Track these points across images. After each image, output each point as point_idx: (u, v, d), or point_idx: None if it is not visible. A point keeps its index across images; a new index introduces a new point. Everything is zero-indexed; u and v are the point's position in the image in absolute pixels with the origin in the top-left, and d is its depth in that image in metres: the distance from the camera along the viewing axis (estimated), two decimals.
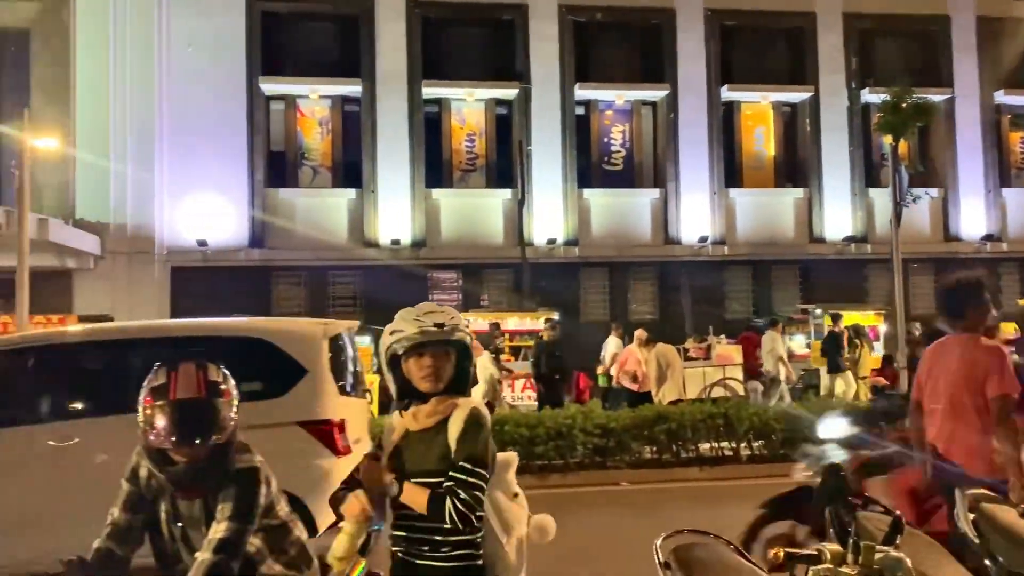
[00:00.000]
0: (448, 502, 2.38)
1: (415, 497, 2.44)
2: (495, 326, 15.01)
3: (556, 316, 15.94)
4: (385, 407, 13.13)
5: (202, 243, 17.84)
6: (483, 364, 11.00)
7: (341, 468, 5.04)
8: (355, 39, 19.03)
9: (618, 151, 20.43)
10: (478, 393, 10.83)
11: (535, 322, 15.91)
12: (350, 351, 6.49)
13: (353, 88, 18.96)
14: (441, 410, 2.52)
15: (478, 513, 2.42)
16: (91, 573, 2.63)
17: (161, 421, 2.61)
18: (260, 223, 18.34)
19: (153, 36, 18.13)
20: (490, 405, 10.58)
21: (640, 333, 12.58)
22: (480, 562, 2.50)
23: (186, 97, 18.04)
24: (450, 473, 2.43)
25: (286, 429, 5.27)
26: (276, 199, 18.69)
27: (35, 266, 12.84)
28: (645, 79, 20.13)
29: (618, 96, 20.13)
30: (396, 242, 18.69)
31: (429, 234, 19.05)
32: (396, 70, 18.97)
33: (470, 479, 2.41)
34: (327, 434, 5.40)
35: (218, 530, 2.56)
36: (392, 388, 2.59)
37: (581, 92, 19.73)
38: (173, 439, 2.60)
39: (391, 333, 2.51)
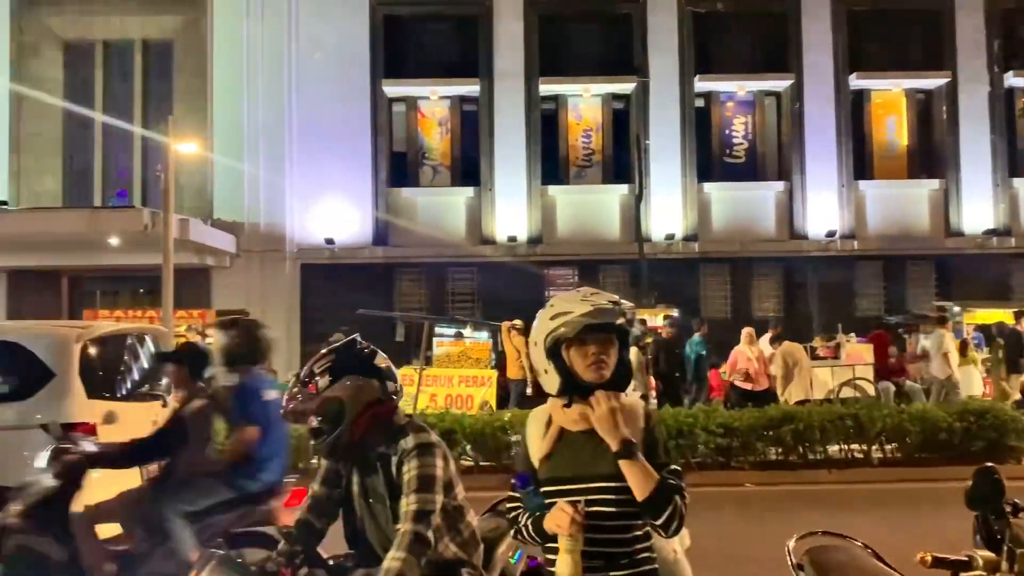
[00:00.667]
0: (677, 500, 2.19)
1: (640, 480, 2.19)
2: (643, 321, 14.83)
3: (675, 313, 15.69)
4: (504, 401, 13.30)
5: (329, 241, 18.55)
6: (634, 356, 10.94)
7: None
8: (473, 39, 19.32)
9: (740, 143, 19.91)
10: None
11: (653, 319, 15.71)
12: (141, 355, 6.60)
13: (471, 87, 19.25)
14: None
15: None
16: (293, 541, 2.95)
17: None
18: (383, 222, 18.89)
19: (282, 45, 18.97)
20: (643, 398, 10.54)
21: (749, 331, 12.29)
22: None
23: (313, 102, 18.79)
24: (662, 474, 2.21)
25: (31, 431, 5.04)
26: (398, 198, 19.21)
27: (177, 264, 13.66)
28: (768, 69, 19.52)
29: (739, 87, 19.61)
30: (512, 239, 18.87)
31: (545, 231, 19.13)
32: (513, 68, 19.14)
33: (680, 482, 2.21)
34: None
35: (409, 502, 2.74)
36: (550, 382, 2.33)
37: (701, 84, 19.34)
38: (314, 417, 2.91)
39: (553, 317, 2.28)
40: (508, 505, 2.48)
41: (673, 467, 2.25)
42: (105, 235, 15.99)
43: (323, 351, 3.03)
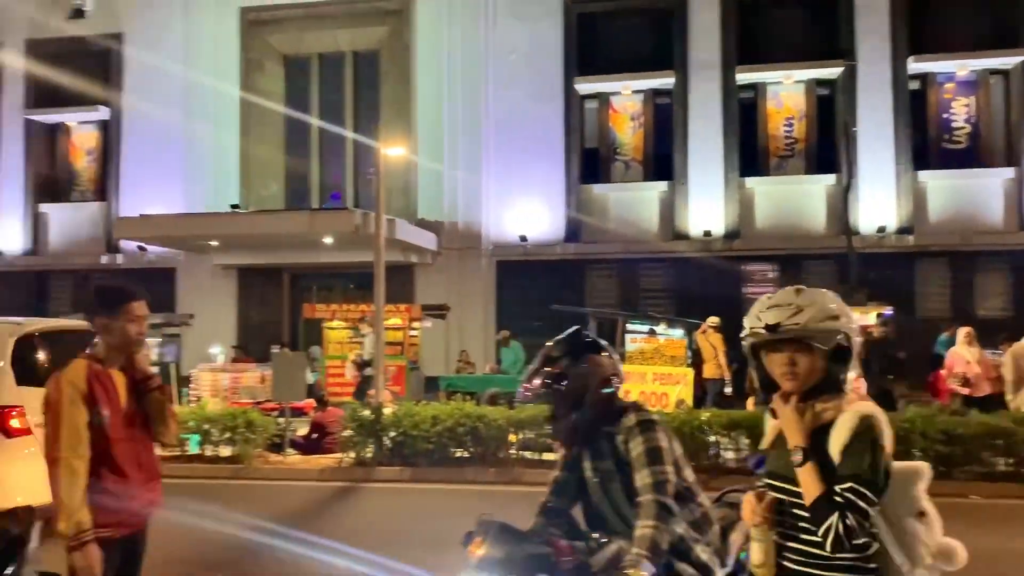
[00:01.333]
0: (834, 518, 2.11)
1: (806, 487, 2.18)
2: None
3: (888, 311, 14.69)
4: (701, 400, 13.02)
5: (523, 238, 18.96)
6: None
7: (12, 447, 6.30)
8: (667, 31, 19.02)
9: (961, 127, 18.29)
10: None
11: (863, 317, 14.78)
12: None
13: (665, 80, 18.98)
14: (821, 414, 2.25)
15: (856, 541, 2.11)
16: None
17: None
18: (575, 218, 19.05)
19: (479, 49, 19.59)
20: None
21: (967, 331, 11.25)
22: None
23: (508, 103, 19.27)
24: (836, 488, 2.13)
25: None
26: (590, 195, 19.30)
27: (384, 261, 14.48)
28: (994, 45, 17.78)
29: (961, 67, 18.02)
30: (708, 234, 18.42)
31: (743, 225, 18.52)
32: (709, 58, 18.67)
33: (857, 501, 2.10)
34: None
35: (643, 476, 2.88)
36: (755, 381, 2.43)
37: (916, 65, 17.95)
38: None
39: (748, 319, 2.33)
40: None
41: (863, 482, 2.12)
42: (321, 235, 17.23)
43: (556, 338, 3.22)
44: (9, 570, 3.46)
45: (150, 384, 3.35)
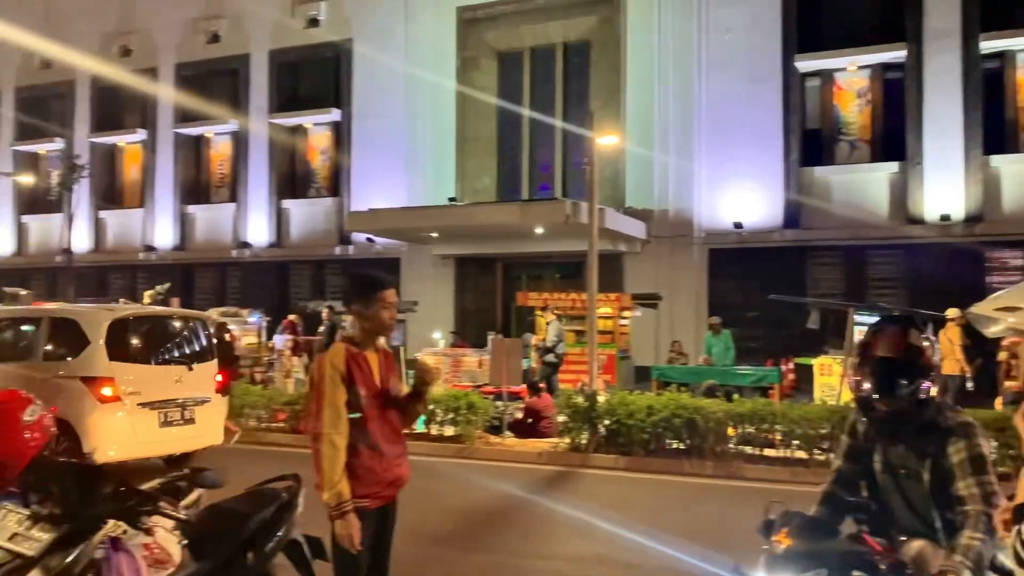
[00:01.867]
0: None
1: None
2: None
3: None
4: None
5: (738, 225, 18.35)
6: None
7: (105, 411, 7.89)
8: (897, 1, 17.62)
9: None
10: None
11: None
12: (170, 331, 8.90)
13: (895, 54, 17.60)
14: None
15: None
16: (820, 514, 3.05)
17: (865, 375, 2.94)
18: (794, 203, 18.16)
19: (692, 31, 19.13)
20: None
21: None
22: None
23: (722, 85, 18.69)
24: None
25: (72, 380, 7.93)
26: (811, 178, 18.32)
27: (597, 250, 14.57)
28: None
29: None
30: (946, 217, 16.90)
31: (987, 207, 16.82)
32: (947, 27, 17.08)
33: None
34: (93, 386, 7.90)
35: (969, 484, 2.76)
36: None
37: None
38: (873, 391, 2.92)
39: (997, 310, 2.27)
40: None
41: None
42: (532, 225, 17.61)
43: (895, 315, 3.12)
44: (280, 532, 3.82)
45: (427, 380, 3.61)
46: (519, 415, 11.77)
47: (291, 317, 18.03)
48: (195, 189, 25.56)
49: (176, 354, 8.78)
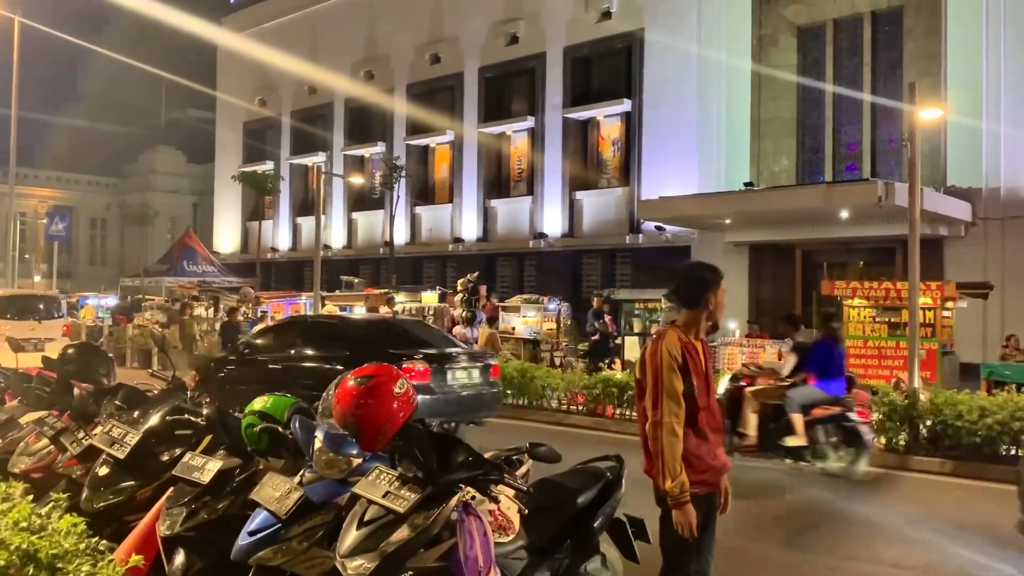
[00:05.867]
0: None
1: None
2: None
3: None
4: None
5: None
6: None
7: None
8: None
9: None
10: None
11: None
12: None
13: None
14: None
15: None
16: None
17: None
18: None
19: None
20: None
21: None
22: None
23: None
24: None
25: None
26: None
27: (906, 235, 13.28)
28: None
29: None
30: None
31: None
32: None
33: None
34: None
35: None
36: None
37: None
38: None
39: None
40: None
41: None
42: (837, 209, 16.51)
43: None
44: (605, 510, 3.95)
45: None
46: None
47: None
48: (496, 184, 27.17)
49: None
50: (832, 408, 8.67)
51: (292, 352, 9.67)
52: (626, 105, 23.38)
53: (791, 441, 8.58)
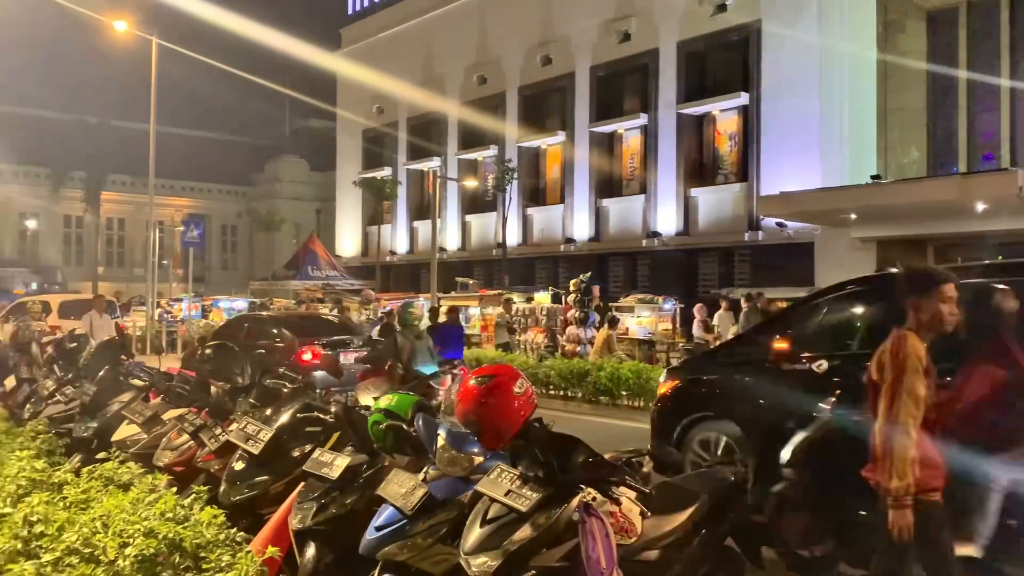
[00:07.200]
0: None
1: None
2: None
3: None
4: None
5: None
6: None
7: None
8: None
9: None
10: None
11: None
12: None
13: None
14: None
15: None
16: None
17: None
18: None
19: None
20: None
21: None
22: None
23: None
24: None
25: None
26: None
27: None
28: None
29: None
30: None
31: None
32: None
33: None
34: None
35: None
36: None
37: None
38: None
39: None
40: None
41: None
42: (972, 201, 15.59)
43: None
44: (730, 515, 3.86)
45: None
46: None
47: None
48: (608, 183, 27.00)
49: None
50: None
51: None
52: (743, 99, 22.79)
53: None
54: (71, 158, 43.00)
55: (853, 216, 18.32)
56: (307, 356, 10.57)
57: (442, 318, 12.44)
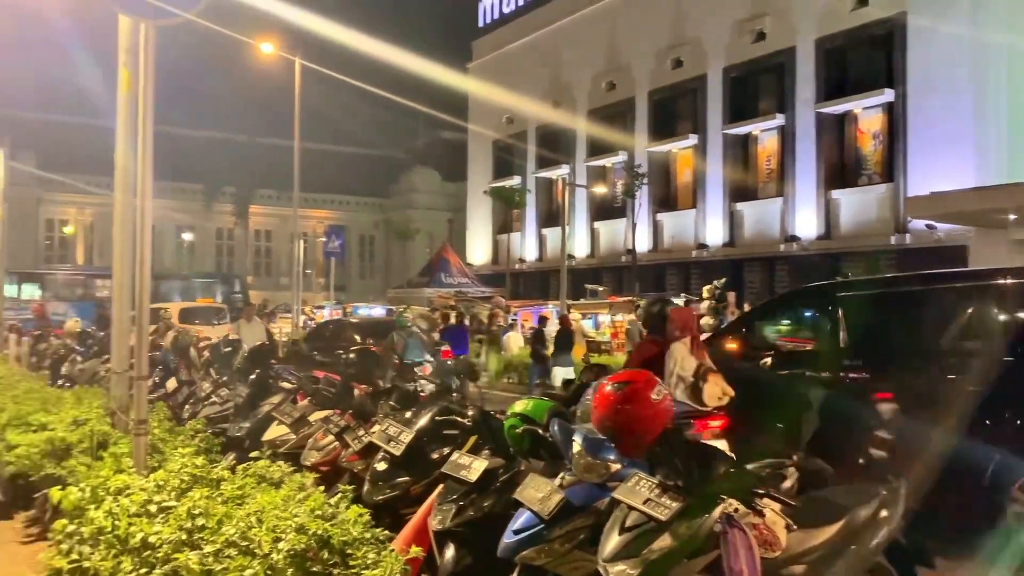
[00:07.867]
0: None
1: None
2: None
3: None
4: None
5: None
6: None
7: None
8: None
9: None
10: None
11: None
12: None
13: None
14: None
15: None
16: None
17: None
18: None
19: None
20: None
21: None
22: None
23: None
24: None
25: None
26: None
27: None
28: None
29: None
30: None
31: None
32: None
33: None
34: None
35: None
36: None
37: None
38: None
39: None
40: None
41: None
42: None
43: None
44: (882, 530, 3.65)
45: None
46: None
47: None
48: (742, 187, 26.27)
49: None
50: None
51: None
52: (888, 95, 21.66)
53: None
54: (222, 175, 45.92)
55: (1012, 216, 17.05)
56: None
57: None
